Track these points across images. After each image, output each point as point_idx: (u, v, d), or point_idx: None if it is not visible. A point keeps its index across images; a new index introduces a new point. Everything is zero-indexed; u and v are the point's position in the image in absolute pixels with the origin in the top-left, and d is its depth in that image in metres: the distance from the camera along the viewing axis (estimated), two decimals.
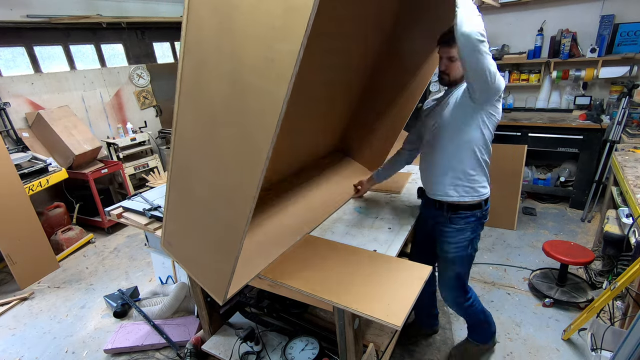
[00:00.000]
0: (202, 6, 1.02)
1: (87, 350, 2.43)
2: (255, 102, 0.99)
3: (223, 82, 1.05)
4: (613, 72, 3.51)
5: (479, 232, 1.76)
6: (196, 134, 1.22)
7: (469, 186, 1.66)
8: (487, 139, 1.62)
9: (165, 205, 1.46)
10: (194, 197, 1.33)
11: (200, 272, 1.45)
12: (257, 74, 0.96)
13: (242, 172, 1.10)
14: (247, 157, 1.07)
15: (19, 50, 3.95)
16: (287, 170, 2.14)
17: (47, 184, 3.45)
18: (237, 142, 1.09)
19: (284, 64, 0.89)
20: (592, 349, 1.75)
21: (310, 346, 1.82)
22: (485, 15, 4.09)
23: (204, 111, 1.16)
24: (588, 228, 3.41)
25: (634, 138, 3.11)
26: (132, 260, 3.51)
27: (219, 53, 1.03)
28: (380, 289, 1.37)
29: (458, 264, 1.78)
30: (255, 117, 1.01)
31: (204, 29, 1.04)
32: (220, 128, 1.13)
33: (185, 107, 1.20)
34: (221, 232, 1.26)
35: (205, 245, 1.37)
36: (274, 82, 0.92)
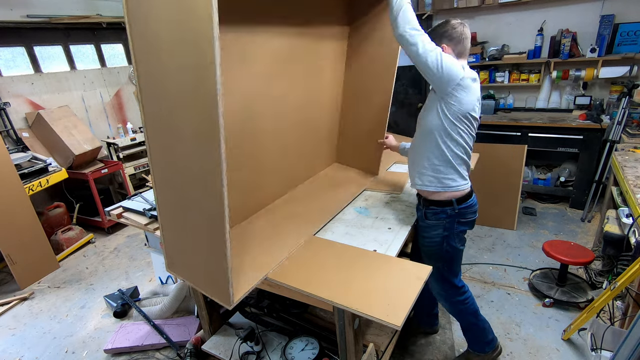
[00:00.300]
0: None
1: (87, 350, 2.43)
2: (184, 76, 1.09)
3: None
4: (613, 72, 3.51)
5: (455, 230, 1.75)
6: (161, 144, 1.30)
7: (433, 176, 1.70)
8: (448, 129, 1.61)
9: (160, 227, 1.48)
10: (179, 203, 1.35)
11: (203, 282, 1.45)
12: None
13: (203, 154, 1.15)
14: (203, 138, 1.12)
15: (19, 50, 3.95)
16: (287, 188, 2.22)
17: (47, 184, 3.45)
18: (190, 128, 1.16)
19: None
20: (592, 349, 1.75)
21: (310, 346, 1.82)
22: (485, 15, 4.13)
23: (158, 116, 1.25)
24: (588, 228, 3.41)
25: (634, 138, 3.11)
26: (132, 260, 3.51)
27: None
28: (380, 289, 1.37)
29: (434, 258, 1.83)
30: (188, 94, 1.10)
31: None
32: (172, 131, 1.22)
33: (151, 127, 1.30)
34: (208, 228, 1.27)
35: (199, 249, 1.38)
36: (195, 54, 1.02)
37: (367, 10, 2.14)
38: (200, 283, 1.46)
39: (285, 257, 1.60)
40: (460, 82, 1.54)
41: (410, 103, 4.96)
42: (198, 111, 1.10)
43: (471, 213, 1.78)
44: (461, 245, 1.85)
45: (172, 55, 1.11)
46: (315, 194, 2.22)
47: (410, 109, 4.99)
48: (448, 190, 1.69)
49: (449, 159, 1.66)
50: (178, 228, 1.42)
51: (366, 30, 2.19)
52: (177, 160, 1.28)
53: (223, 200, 1.15)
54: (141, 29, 1.14)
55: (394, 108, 5.12)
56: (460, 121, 1.60)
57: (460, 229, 1.78)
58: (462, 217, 1.75)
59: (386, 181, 2.38)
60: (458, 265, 1.91)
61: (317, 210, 2.03)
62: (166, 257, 1.54)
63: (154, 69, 1.18)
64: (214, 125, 1.06)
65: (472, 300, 1.94)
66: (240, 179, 1.79)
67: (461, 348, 2.19)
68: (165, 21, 1.07)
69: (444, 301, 1.96)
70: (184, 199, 1.33)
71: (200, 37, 0.99)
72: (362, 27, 2.21)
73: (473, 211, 1.79)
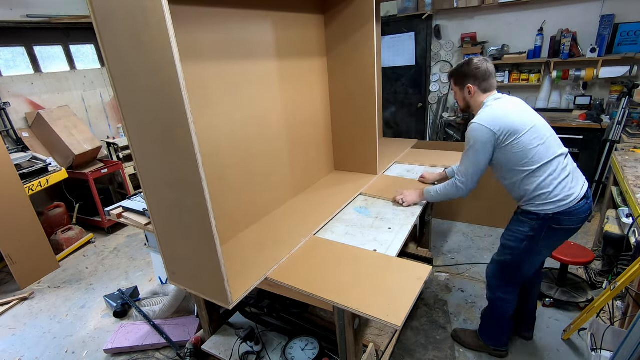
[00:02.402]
0: None
1: (87, 350, 2.43)
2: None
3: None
4: (613, 72, 3.51)
5: (542, 234, 1.70)
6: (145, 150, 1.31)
7: (534, 202, 1.73)
8: (516, 168, 1.71)
9: (156, 237, 1.49)
10: (168, 205, 1.35)
11: (202, 286, 1.44)
12: None
13: (178, 147, 1.16)
14: (174, 129, 1.13)
15: (19, 50, 3.95)
16: (287, 198, 2.25)
17: (47, 184, 3.45)
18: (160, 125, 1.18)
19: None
20: (592, 349, 1.75)
21: (310, 346, 1.82)
22: (485, 15, 4.13)
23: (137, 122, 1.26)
24: (588, 228, 3.41)
25: (634, 138, 3.11)
26: (132, 260, 3.51)
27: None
28: (380, 289, 1.37)
29: (507, 249, 1.84)
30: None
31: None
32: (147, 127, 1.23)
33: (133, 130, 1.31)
34: (195, 224, 1.28)
35: (194, 254, 1.37)
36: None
37: (340, 23, 2.27)
38: (201, 288, 1.45)
39: (286, 257, 1.60)
40: (497, 142, 1.65)
41: (410, 103, 4.96)
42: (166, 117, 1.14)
43: (572, 221, 1.67)
44: (546, 251, 1.81)
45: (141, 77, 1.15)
46: (315, 197, 2.25)
47: (411, 109, 4.99)
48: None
49: (530, 176, 1.67)
50: (173, 238, 1.43)
51: (342, 39, 2.31)
52: (159, 169, 1.30)
53: (204, 195, 1.17)
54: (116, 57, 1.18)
55: (394, 108, 5.13)
56: (522, 151, 1.64)
57: (551, 234, 1.70)
58: (556, 222, 1.67)
59: (385, 186, 2.37)
60: (527, 270, 1.86)
61: (317, 210, 2.04)
62: (167, 270, 1.54)
63: (130, 86, 1.21)
64: (185, 131, 1.10)
65: (510, 306, 1.94)
66: (240, 194, 1.85)
67: (461, 348, 2.19)
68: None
69: (488, 286, 2.00)
70: (169, 205, 1.34)
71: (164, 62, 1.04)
72: (337, 37, 2.32)
73: (576, 220, 1.68)
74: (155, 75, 1.08)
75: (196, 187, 1.17)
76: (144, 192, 1.42)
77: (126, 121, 1.29)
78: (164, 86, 1.07)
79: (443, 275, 2.88)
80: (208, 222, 1.21)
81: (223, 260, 1.26)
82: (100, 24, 1.13)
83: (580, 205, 1.66)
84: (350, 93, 2.40)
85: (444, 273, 2.90)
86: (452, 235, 3.43)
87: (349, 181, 2.46)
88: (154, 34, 1.00)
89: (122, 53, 1.14)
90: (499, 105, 1.69)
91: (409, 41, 4.64)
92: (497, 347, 2.07)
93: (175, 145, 1.16)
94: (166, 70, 1.03)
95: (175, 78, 1.02)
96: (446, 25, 4.39)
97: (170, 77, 1.04)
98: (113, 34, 1.12)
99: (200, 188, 1.16)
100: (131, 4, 1.01)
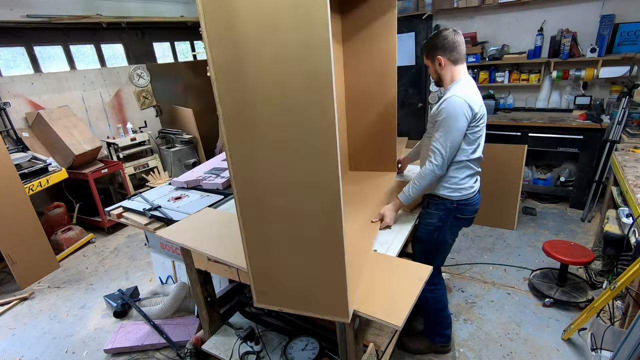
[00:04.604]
0: None
1: (87, 350, 2.43)
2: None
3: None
4: (613, 72, 3.51)
5: (449, 223, 1.83)
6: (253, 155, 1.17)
7: (447, 182, 1.79)
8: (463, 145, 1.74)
9: (245, 255, 1.34)
10: (273, 219, 1.23)
11: (310, 303, 1.32)
12: None
13: (317, 155, 1.07)
14: (316, 137, 1.05)
15: (19, 50, 3.95)
16: None
17: (47, 184, 3.45)
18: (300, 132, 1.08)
19: None
20: (592, 349, 1.75)
21: (310, 346, 1.82)
22: (485, 15, 4.13)
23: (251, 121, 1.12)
24: (588, 228, 3.41)
25: (634, 138, 3.11)
26: (132, 260, 3.51)
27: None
28: (380, 289, 1.37)
29: (422, 243, 1.92)
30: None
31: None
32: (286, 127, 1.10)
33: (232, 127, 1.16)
34: (317, 233, 1.17)
35: (305, 265, 1.25)
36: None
37: (357, 13, 2.13)
38: (304, 305, 1.33)
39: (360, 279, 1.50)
40: (471, 120, 1.64)
41: (410, 103, 4.96)
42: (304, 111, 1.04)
43: (470, 211, 1.83)
44: (450, 239, 1.91)
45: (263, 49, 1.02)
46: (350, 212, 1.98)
47: (410, 109, 4.99)
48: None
49: (466, 164, 1.74)
50: (273, 253, 1.29)
51: (359, 29, 2.18)
52: (272, 172, 1.16)
53: (339, 199, 1.07)
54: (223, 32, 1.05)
55: None
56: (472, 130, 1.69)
57: (455, 223, 1.84)
58: (459, 212, 1.81)
59: None
60: (441, 258, 2.00)
61: (358, 225, 1.87)
62: (256, 290, 1.39)
63: (240, 68, 1.07)
64: (327, 110, 1.01)
65: (441, 294, 2.03)
66: None
67: (461, 348, 2.19)
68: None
69: None
70: (275, 215, 1.21)
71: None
72: (354, 28, 2.19)
73: (472, 210, 1.83)
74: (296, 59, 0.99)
75: (329, 190, 1.06)
76: (237, 202, 1.25)
77: (225, 115, 1.13)
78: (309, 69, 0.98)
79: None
80: (339, 230, 1.11)
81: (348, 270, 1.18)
82: None
83: (477, 197, 1.85)
84: (369, 88, 2.26)
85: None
86: None
87: (375, 185, 2.28)
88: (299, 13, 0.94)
89: (239, 36, 1.02)
90: (472, 84, 1.71)
91: (409, 41, 4.64)
92: (442, 342, 2.13)
93: (307, 140, 1.05)
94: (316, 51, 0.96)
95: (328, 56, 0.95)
96: (446, 25, 4.39)
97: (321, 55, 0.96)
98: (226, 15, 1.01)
99: (337, 190, 1.06)
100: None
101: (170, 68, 5.49)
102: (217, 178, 2.51)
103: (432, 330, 2.13)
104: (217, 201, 2.24)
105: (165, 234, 1.84)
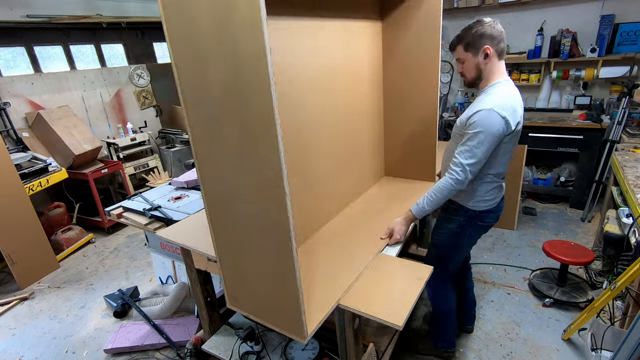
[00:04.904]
0: None
1: (87, 350, 2.43)
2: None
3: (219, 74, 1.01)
4: (613, 72, 3.51)
5: (468, 230, 1.75)
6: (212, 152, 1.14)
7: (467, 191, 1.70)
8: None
9: (217, 258, 1.35)
10: (235, 228, 1.21)
11: (270, 315, 1.29)
12: None
13: (256, 160, 1.02)
14: (254, 139, 1.00)
15: (19, 50, 3.95)
16: (337, 210, 2.01)
17: (47, 184, 3.45)
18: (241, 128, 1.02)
19: None
20: (592, 349, 1.75)
21: (310, 346, 1.82)
22: (485, 15, 4.11)
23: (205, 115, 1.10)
24: (588, 228, 3.41)
25: (634, 138, 3.11)
26: (132, 260, 3.51)
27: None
28: (380, 288, 1.37)
29: (438, 247, 1.87)
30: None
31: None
32: (223, 127, 1.07)
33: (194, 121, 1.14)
34: (271, 248, 1.12)
35: (263, 278, 1.22)
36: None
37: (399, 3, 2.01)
38: (267, 316, 1.30)
39: (354, 279, 1.46)
40: (505, 133, 1.48)
41: None
42: (243, 107, 0.98)
43: (492, 218, 1.75)
44: (468, 246, 1.85)
45: (214, 49, 0.99)
46: (373, 216, 1.96)
47: None
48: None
49: (491, 177, 1.63)
50: (237, 257, 1.28)
51: (401, 24, 2.03)
52: (227, 175, 1.13)
53: (286, 210, 1.00)
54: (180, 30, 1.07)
55: None
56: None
57: (475, 230, 1.76)
58: (481, 220, 1.72)
59: None
60: (457, 263, 1.92)
61: (375, 226, 1.83)
62: (227, 293, 1.40)
63: (196, 72, 1.09)
64: (268, 119, 0.93)
65: (451, 299, 1.98)
66: (299, 205, 1.63)
67: (461, 348, 2.19)
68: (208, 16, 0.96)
69: (428, 287, 1.98)
70: (239, 221, 1.18)
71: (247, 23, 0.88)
72: (396, 21, 2.05)
73: (495, 217, 1.76)
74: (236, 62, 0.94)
75: (278, 201, 1.01)
76: (206, 207, 1.26)
77: (191, 123, 1.11)
78: (245, 73, 0.92)
79: None
80: (288, 244, 1.05)
81: (302, 288, 1.11)
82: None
83: (501, 204, 1.77)
84: (409, 90, 2.15)
85: None
86: None
87: (403, 193, 2.18)
88: (243, 17, 0.87)
89: (193, 41, 1.00)
90: (514, 90, 1.53)
91: None
92: (447, 348, 2.09)
93: (257, 150, 0.99)
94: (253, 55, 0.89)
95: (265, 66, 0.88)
96: (446, 25, 4.39)
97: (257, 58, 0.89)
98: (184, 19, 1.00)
99: (284, 202, 0.99)
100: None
101: (170, 68, 5.46)
102: None
103: (437, 334, 2.09)
104: None
105: (165, 234, 1.84)
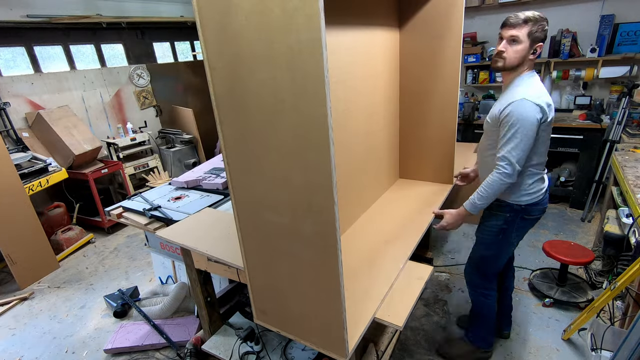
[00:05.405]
0: None
1: (87, 350, 2.43)
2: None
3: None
4: (613, 72, 3.51)
5: (515, 225, 1.72)
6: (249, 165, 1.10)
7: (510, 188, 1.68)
8: None
9: (245, 270, 1.30)
10: (273, 232, 1.15)
11: (307, 331, 1.23)
12: None
13: (306, 167, 0.97)
14: (306, 148, 0.95)
15: (19, 50, 3.95)
16: (356, 216, 1.97)
17: (47, 184, 3.45)
18: (295, 142, 0.97)
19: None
20: (592, 349, 1.75)
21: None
22: (485, 15, 4.12)
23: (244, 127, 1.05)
24: (588, 228, 3.41)
25: (634, 138, 3.11)
26: (132, 260, 3.51)
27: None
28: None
29: (483, 246, 1.85)
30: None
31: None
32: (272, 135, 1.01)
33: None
34: (312, 262, 1.06)
35: (299, 293, 1.16)
36: None
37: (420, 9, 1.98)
38: (301, 332, 1.25)
39: (389, 288, 1.43)
40: (542, 121, 1.49)
41: None
42: (297, 115, 0.93)
43: (538, 211, 1.73)
44: (516, 242, 1.82)
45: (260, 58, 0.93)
46: (389, 221, 1.93)
47: None
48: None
49: (533, 169, 1.63)
50: (269, 270, 1.22)
51: (419, 22, 2.01)
52: (265, 182, 1.07)
53: (334, 220, 0.94)
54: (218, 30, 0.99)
55: None
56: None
57: (522, 224, 1.74)
58: (527, 213, 1.70)
59: None
60: (502, 261, 1.89)
61: (397, 232, 1.82)
62: (254, 307, 1.35)
63: (236, 76, 1.01)
64: (321, 127, 0.89)
65: (493, 299, 1.95)
66: None
67: None
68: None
69: (469, 285, 1.99)
70: (276, 231, 1.12)
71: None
72: (414, 19, 2.01)
73: (541, 209, 1.73)
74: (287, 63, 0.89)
75: (326, 210, 0.94)
76: (236, 216, 1.21)
77: (224, 127, 1.06)
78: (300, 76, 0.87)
79: (443, 275, 2.89)
80: (334, 257, 0.98)
81: (345, 305, 1.05)
82: None
83: (546, 196, 1.73)
84: (427, 90, 2.10)
85: (444, 273, 2.90)
86: (452, 235, 3.43)
87: (420, 195, 2.14)
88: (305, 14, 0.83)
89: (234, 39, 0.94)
90: (540, 81, 1.57)
91: None
92: (485, 348, 2.07)
93: (307, 155, 0.94)
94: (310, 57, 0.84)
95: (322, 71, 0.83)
96: None
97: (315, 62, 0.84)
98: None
99: (332, 212, 0.93)
100: None
101: (170, 68, 5.49)
102: (217, 178, 2.52)
103: (478, 335, 2.05)
104: (217, 201, 2.24)
105: (165, 234, 1.84)
